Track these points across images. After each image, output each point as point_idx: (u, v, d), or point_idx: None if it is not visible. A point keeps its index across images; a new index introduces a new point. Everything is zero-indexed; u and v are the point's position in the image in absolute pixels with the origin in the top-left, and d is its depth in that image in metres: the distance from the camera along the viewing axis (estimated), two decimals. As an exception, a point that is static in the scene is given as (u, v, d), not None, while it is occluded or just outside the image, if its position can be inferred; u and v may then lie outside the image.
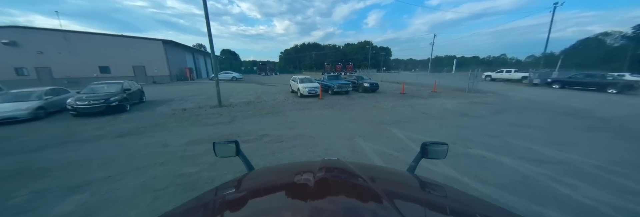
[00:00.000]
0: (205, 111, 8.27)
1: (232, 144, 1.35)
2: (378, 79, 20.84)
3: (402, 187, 0.97)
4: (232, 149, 1.35)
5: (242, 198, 0.84)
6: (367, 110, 8.16)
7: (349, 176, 0.96)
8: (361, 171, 0.98)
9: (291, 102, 9.89)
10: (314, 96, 11.51)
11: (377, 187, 0.77)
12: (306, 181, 0.85)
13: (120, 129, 5.98)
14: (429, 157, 1.28)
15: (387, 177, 1.12)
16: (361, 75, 15.23)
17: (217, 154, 1.36)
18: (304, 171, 1.07)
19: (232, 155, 1.35)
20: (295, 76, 13.59)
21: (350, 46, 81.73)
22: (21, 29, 19.22)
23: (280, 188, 0.90)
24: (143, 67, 22.69)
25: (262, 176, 1.12)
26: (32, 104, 7.16)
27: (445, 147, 1.28)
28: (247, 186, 0.98)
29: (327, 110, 8.13)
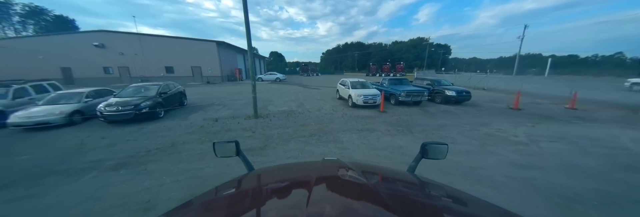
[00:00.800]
0: (237, 123, 6.45)
1: (232, 143, 1.31)
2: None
3: (402, 187, 0.93)
4: (232, 149, 1.31)
5: (242, 198, 0.82)
6: (483, 142, 4.68)
7: (349, 176, 0.92)
8: (361, 171, 0.96)
9: (342, 116, 7.26)
10: (372, 107, 8.54)
11: (377, 187, 0.75)
12: (306, 181, 0.83)
13: (126, 151, 4.42)
14: (429, 158, 1.25)
15: (387, 177, 1.06)
16: (438, 79, 11.03)
17: (217, 154, 1.33)
18: (304, 171, 1.06)
19: (232, 155, 1.32)
20: (345, 79, 10.47)
21: (399, 44, 72.02)
22: (107, 32, 21.57)
23: (280, 188, 0.88)
24: (199, 68, 23.40)
25: (262, 176, 1.09)
26: (67, 108, 6.40)
27: (444, 147, 1.24)
28: (247, 186, 0.96)
29: (402, 136, 5.14)
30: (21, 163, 3.97)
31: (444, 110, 8.47)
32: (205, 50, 22.70)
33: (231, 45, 25.50)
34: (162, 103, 7.46)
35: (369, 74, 45.77)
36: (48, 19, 46.15)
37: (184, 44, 22.47)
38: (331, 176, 0.94)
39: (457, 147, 4.34)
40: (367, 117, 7.16)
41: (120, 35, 21.66)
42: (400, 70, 44.31)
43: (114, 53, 21.63)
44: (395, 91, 9.20)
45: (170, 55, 22.44)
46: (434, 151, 1.25)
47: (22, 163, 3.97)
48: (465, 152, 4.20)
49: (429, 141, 1.33)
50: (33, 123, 5.83)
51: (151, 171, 3.54)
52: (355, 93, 8.62)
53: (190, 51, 22.54)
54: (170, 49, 22.33)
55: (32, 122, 5.82)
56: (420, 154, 1.29)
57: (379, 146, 4.57)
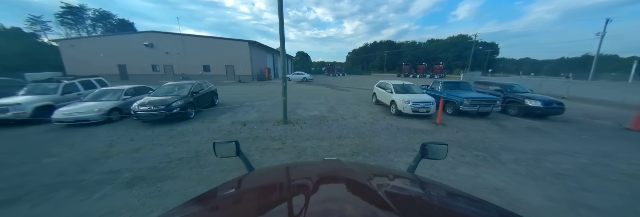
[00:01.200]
0: (265, 130, 5.69)
1: (232, 143, 1.29)
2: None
3: (402, 187, 0.91)
4: (232, 149, 1.28)
5: (242, 198, 0.80)
6: (633, 191, 3.01)
7: (349, 176, 0.91)
8: (361, 171, 0.95)
9: (386, 127, 5.90)
10: (422, 117, 6.93)
11: (377, 187, 0.73)
12: (306, 181, 0.82)
13: (148, 159, 3.86)
14: (429, 157, 1.23)
15: (387, 177, 1.03)
16: (510, 84, 8.67)
17: (217, 154, 1.29)
18: (304, 171, 1.05)
19: (233, 155, 1.29)
20: (385, 81, 8.84)
21: (435, 42, 63.34)
22: (156, 33, 23.07)
23: (280, 188, 0.87)
24: (232, 67, 23.87)
25: (262, 176, 1.07)
26: (105, 106, 6.32)
27: (444, 147, 1.23)
28: (247, 186, 0.94)
29: (489, 168, 3.62)
30: (45, 167, 3.64)
31: (528, 126, 6.42)
32: (238, 50, 23.02)
33: (262, 44, 25.57)
34: (193, 103, 7.10)
35: (401, 75, 41.94)
36: (113, 22, 52.37)
37: (220, 44, 23.06)
38: (331, 176, 0.92)
39: (594, 201, 2.77)
40: (422, 131, 5.69)
41: (166, 35, 23.02)
42: (439, 71, 38.93)
43: (161, 52, 23.10)
44: (455, 98, 7.24)
45: (207, 54, 23.24)
46: (434, 151, 1.23)
47: (46, 167, 3.64)
48: (615, 209, 2.58)
49: (429, 141, 1.28)
50: (73, 120, 5.79)
51: (165, 194, 2.85)
52: (401, 99, 7.00)
53: (225, 51, 23.06)
54: (207, 49, 23.12)
55: (72, 118, 5.77)
56: (420, 154, 1.27)
57: (462, 184, 3.18)
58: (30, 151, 4.34)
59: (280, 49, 6.01)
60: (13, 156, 4.14)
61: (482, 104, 6.96)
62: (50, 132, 5.56)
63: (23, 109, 5.93)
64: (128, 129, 5.78)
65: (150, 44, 22.63)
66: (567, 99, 12.45)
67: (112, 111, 6.44)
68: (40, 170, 3.55)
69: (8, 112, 5.76)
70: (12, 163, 3.80)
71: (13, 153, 4.27)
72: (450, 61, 48.58)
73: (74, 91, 7.37)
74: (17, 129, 5.78)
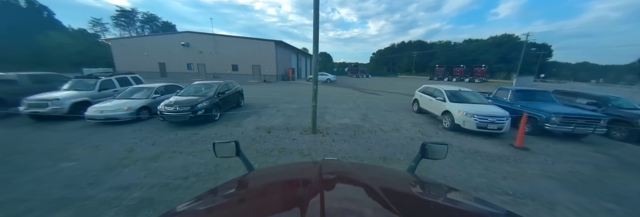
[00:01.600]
0: (292, 140, 4.90)
1: (232, 143, 1.26)
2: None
3: (402, 187, 0.90)
4: (232, 149, 1.25)
5: (242, 198, 0.79)
6: None
7: (349, 176, 0.88)
8: (361, 171, 0.94)
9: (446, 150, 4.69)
10: (489, 135, 5.35)
11: (377, 188, 0.72)
12: (306, 181, 0.81)
13: (163, 173, 3.26)
14: (429, 157, 1.22)
15: (387, 177, 1.02)
16: (612, 96, 6.59)
17: (217, 154, 1.27)
18: (304, 171, 1.03)
19: (233, 155, 1.26)
20: (432, 86, 7.49)
21: (474, 43, 56.33)
22: (191, 33, 24.04)
23: (280, 188, 0.86)
24: (259, 67, 23.95)
25: (262, 176, 1.05)
26: (134, 104, 6.09)
27: (444, 147, 1.22)
28: (247, 186, 0.93)
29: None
30: (59, 174, 3.24)
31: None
32: (265, 50, 22.97)
33: (287, 44, 25.29)
34: (219, 104, 6.62)
35: (434, 78, 37.87)
36: (158, 24, 56.98)
37: (248, 44, 23.23)
38: (331, 176, 0.86)
39: None
40: (499, 157, 4.16)
41: (200, 35, 23.83)
42: (481, 74, 33.78)
43: (195, 51, 24.00)
44: (538, 113, 5.50)
45: (236, 54, 23.59)
46: (434, 151, 1.22)
47: (60, 174, 3.24)
48: None
49: (430, 141, 1.29)
50: (103, 118, 5.61)
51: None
52: (460, 110, 5.49)
53: (252, 50, 23.18)
54: (236, 48, 23.45)
55: (103, 116, 5.60)
56: (420, 154, 1.26)
57: None
58: (55, 151, 4.07)
59: (313, 47, 5.18)
60: (37, 156, 3.89)
61: (580, 123, 5.16)
62: (82, 130, 5.42)
63: (61, 104, 5.92)
64: (153, 130, 5.42)
65: (187, 43, 23.60)
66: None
67: (141, 110, 6.20)
68: (53, 178, 3.16)
69: (47, 107, 5.78)
70: (31, 166, 3.49)
71: (39, 152, 4.03)
72: (491, 64, 41.90)
73: (110, 88, 7.38)
74: (54, 125, 5.77)
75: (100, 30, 48.79)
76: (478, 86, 20.43)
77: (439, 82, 29.09)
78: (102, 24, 49.10)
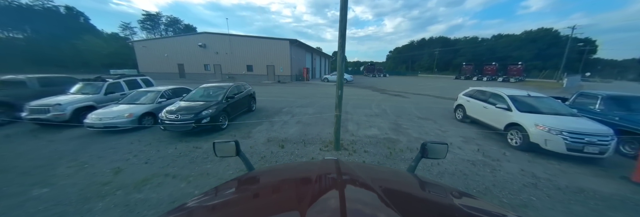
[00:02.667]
0: (311, 160, 3.91)
1: (232, 143, 1.26)
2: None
3: (402, 187, 0.90)
4: (232, 149, 1.25)
5: (242, 198, 0.79)
6: None
7: (348, 175, 0.88)
8: (361, 171, 0.94)
9: (531, 184, 3.11)
10: (585, 161, 3.81)
11: (377, 187, 0.72)
12: (306, 181, 0.81)
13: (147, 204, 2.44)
14: (429, 157, 1.23)
15: (387, 177, 1.02)
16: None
17: (217, 153, 1.28)
18: (304, 171, 1.03)
19: (233, 155, 1.26)
20: (489, 89, 5.99)
21: (505, 38, 50.74)
22: (208, 34, 24.03)
23: (280, 188, 0.85)
24: (273, 67, 23.38)
25: (262, 176, 1.04)
26: (137, 110, 5.47)
27: (444, 147, 1.22)
28: (247, 186, 0.92)
29: None
30: (23, 207, 2.55)
31: None
32: (279, 49, 22.30)
33: (302, 43, 24.41)
34: (227, 110, 5.84)
35: (461, 77, 34.49)
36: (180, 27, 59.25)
37: (262, 43, 22.71)
38: (331, 175, 0.88)
39: None
40: (619, 202, 2.78)
41: (216, 36, 23.76)
42: (517, 73, 29.51)
43: (212, 52, 24.02)
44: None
45: (250, 54, 23.21)
46: (434, 151, 1.23)
47: (24, 207, 2.55)
48: None
49: (429, 140, 1.28)
50: (102, 125, 5.03)
51: None
52: (538, 123, 4.09)
53: (266, 50, 22.63)
54: (251, 49, 23.06)
55: (101, 124, 5.02)
56: (420, 154, 1.26)
57: None
58: (37, 171, 3.46)
59: (339, 41, 4.12)
60: (15, 176, 3.29)
61: None
62: (78, 140, 4.89)
63: (63, 110, 5.47)
64: (152, 141, 4.73)
65: (204, 44, 23.67)
66: None
67: (145, 116, 5.59)
68: (15, 211, 2.46)
69: (48, 113, 5.34)
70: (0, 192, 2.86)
71: (19, 172, 3.44)
72: (526, 61, 37.03)
73: (117, 91, 6.92)
74: (54, 133, 5.31)
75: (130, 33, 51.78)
76: (516, 87, 18.03)
77: (468, 82, 26.33)
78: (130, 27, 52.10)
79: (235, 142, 1.25)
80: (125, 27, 52.11)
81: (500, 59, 37.88)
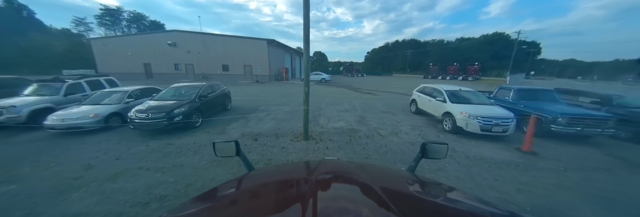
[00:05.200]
0: (281, 150, 4.40)
1: (232, 143, 1.27)
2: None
3: (401, 186, 0.91)
4: (232, 149, 1.26)
5: (242, 198, 0.80)
6: None
7: (348, 175, 0.90)
8: (361, 171, 0.94)
9: (449, 155, 4.03)
10: (495, 139, 5.05)
11: (377, 187, 0.72)
12: (306, 181, 0.81)
13: (123, 196, 2.71)
14: (429, 157, 1.23)
15: (387, 177, 1.03)
16: (617, 94, 6.32)
17: (217, 153, 1.28)
18: (304, 171, 1.03)
19: (233, 155, 1.27)
20: (431, 85, 7.20)
21: (466, 41, 58.35)
22: (178, 32, 23.11)
23: (280, 188, 0.86)
24: (250, 67, 23.25)
25: (262, 176, 1.05)
26: (102, 111, 5.48)
27: (444, 147, 1.23)
28: (247, 186, 0.93)
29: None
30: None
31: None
32: (257, 49, 22.30)
33: (280, 43, 24.65)
34: (200, 109, 6.07)
35: (428, 77, 38.64)
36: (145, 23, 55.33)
37: (239, 43, 22.51)
38: (331, 175, 0.90)
39: None
40: (507, 164, 3.81)
41: (188, 34, 22.97)
42: (474, 72, 34.53)
43: (183, 51, 23.13)
44: (545, 114, 5.21)
45: (226, 53, 22.84)
46: (434, 151, 1.22)
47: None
48: None
49: (430, 140, 1.26)
50: (65, 127, 4.98)
51: None
52: (462, 111, 5.18)
53: (243, 50, 22.47)
54: (226, 48, 22.70)
55: (64, 125, 4.97)
56: (420, 154, 1.26)
57: None
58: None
59: (304, 44, 4.68)
60: (-28, 177, 3.29)
61: (588, 123, 4.90)
62: (39, 142, 4.80)
63: (18, 112, 5.27)
64: (121, 140, 4.84)
65: (173, 43, 22.73)
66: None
67: (112, 117, 5.60)
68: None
69: (1, 116, 5.11)
70: (-42, 192, 2.90)
71: (-24, 172, 3.43)
72: (484, 62, 42.87)
73: (78, 92, 6.71)
74: (8, 136, 5.11)
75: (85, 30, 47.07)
76: (472, 84, 20.32)
77: (434, 81, 29.10)
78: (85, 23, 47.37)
79: (235, 142, 1.25)
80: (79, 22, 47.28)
81: (464, 60, 42.80)
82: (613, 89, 12.62)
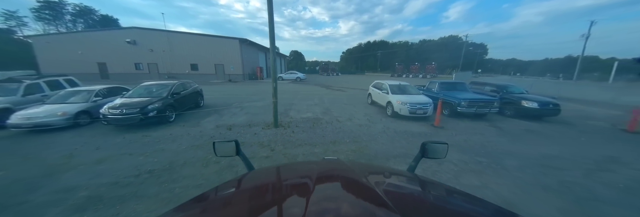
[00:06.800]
0: (254, 135, 5.22)
1: (231, 143, 1.27)
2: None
3: (402, 186, 0.91)
4: (232, 149, 1.27)
5: (242, 198, 0.80)
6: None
7: (348, 175, 0.91)
8: (361, 171, 0.95)
9: (383, 131, 5.58)
10: (419, 119, 6.71)
11: (377, 187, 0.73)
12: (306, 181, 0.82)
13: (112, 173, 3.31)
14: (429, 157, 1.23)
15: (387, 176, 1.01)
16: (505, 84, 8.71)
17: (217, 153, 1.29)
18: (304, 170, 1.03)
19: (233, 154, 1.28)
20: (380, 81, 8.68)
21: (427, 43, 66.18)
22: (139, 29, 21.91)
23: (280, 188, 0.87)
24: (222, 66, 23.04)
25: (262, 176, 1.05)
26: (70, 109, 5.65)
27: (444, 147, 1.22)
28: (247, 185, 0.93)
29: (494, 176, 3.35)
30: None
31: (526, 128, 6.26)
32: (229, 48, 22.23)
33: (254, 43, 24.84)
34: (173, 105, 6.52)
35: (395, 75, 42.83)
36: (95, 18, 49.79)
37: (209, 42, 22.18)
38: (331, 175, 0.91)
39: (613, 214, 2.57)
40: (420, 134, 5.42)
41: (151, 32, 21.90)
42: (431, 71, 40.34)
43: (145, 50, 21.96)
44: (453, 99, 7.05)
45: (195, 52, 22.32)
46: (434, 150, 1.22)
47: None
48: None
49: (429, 140, 1.26)
50: (32, 125, 5.12)
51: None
52: (397, 100, 6.78)
53: (214, 49, 22.22)
54: (195, 47, 22.19)
55: (31, 123, 5.10)
56: (420, 154, 1.26)
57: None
58: (-28, 164, 3.71)
59: (270, 44, 5.54)
60: (-52, 170, 3.51)
61: (480, 105, 6.84)
62: (4, 140, 4.88)
63: (-28, 113, 5.19)
64: (95, 135, 5.17)
65: (133, 41, 21.47)
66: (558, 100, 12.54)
67: (80, 115, 5.78)
68: (-25, 189, 2.97)
69: (-47, 117, 5.02)
70: (-58, 180, 3.19)
71: (-51, 167, 3.62)
72: (442, 61, 49.43)
73: (37, 92, 6.62)
74: (-36, 137, 5.05)
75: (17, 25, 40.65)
76: (426, 81, 23.33)
77: (398, 78, 32.37)
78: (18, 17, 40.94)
79: (235, 142, 1.27)
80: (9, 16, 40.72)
81: (425, 60, 48.51)
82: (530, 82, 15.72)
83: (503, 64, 70.25)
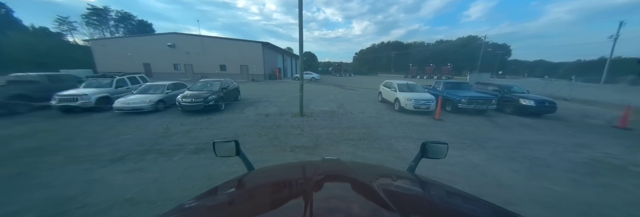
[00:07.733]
0: (286, 121, 6.70)
1: (231, 143, 1.26)
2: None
3: (401, 186, 0.91)
4: (232, 149, 1.26)
5: (242, 198, 0.80)
6: (593, 170, 3.70)
7: (348, 175, 0.90)
8: (361, 171, 0.95)
9: (390, 121, 6.75)
10: (423, 113, 7.75)
11: (377, 187, 0.72)
12: (306, 181, 0.82)
13: (201, 138, 4.95)
14: (429, 157, 1.22)
15: (387, 176, 1.04)
16: (508, 85, 9.52)
17: (217, 153, 1.27)
18: (304, 170, 1.04)
19: (232, 154, 1.26)
20: (390, 81, 9.77)
21: (444, 43, 64.39)
22: (177, 34, 24.68)
23: (280, 188, 0.86)
24: (247, 66, 25.21)
25: (262, 176, 1.06)
26: (154, 98, 7.51)
27: (444, 147, 1.21)
28: (247, 185, 0.93)
29: (473, 151, 4.37)
30: (125, 141, 4.77)
31: (519, 123, 7.06)
32: (252, 51, 24.31)
33: (273, 45, 26.79)
34: (223, 97, 8.23)
35: (408, 76, 42.37)
36: (133, 23, 55.14)
37: (235, 45, 24.41)
38: (331, 175, 0.91)
39: (554, 174, 3.53)
40: (421, 124, 6.47)
41: (187, 36, 24.57)
42: (447, 72, 39.39)
43: (182, 52, 24.68)
44: (454, 97, 7.97)
45: (223, 54, 24.65)
46: (434, 150, 1.23)
47: (126, 141, 4.77)
48: (570, 181, 3.32)
49: (429, 140, 1.28)
50: (130, 108, 6.99)
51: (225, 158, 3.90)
52: (403, 96, 7.87)
53: (240, 51, 24.40)
54: (223, 49, 24.53)
55: (130, 107, 6.98)
56: (420, 154, 1.26)
57: (446, 160, 4.14)
58: (108, 131, 5.52)
59: (299, 48, 7.02)
60: (98, 133, 5.33)
61: (479, 102, 7.73)
62: (112, 118, 6.78)
63: (89, 98, 7.19)
64: (174, 117, 6.93)
65: (173, 44, 24.23)
66: (569, 101, 12.86)
67: (159, 102, 7.64)
68: (123, 142, 4.69)
69: (77, 101, 7.03)
70: (102, 137, 4.97)
71: (96, 131, 5.46)
72: (459, 62, 47.73)
73: (124, 85, 8.65)
74: (85, 116, 7.04)
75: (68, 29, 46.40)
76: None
77: (411, 80, 32.74)
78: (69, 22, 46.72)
79: (235, 142, 1.25)
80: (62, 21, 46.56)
81: (441, 61, 46.82)
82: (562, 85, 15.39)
83: (529, 65, 64.60)
